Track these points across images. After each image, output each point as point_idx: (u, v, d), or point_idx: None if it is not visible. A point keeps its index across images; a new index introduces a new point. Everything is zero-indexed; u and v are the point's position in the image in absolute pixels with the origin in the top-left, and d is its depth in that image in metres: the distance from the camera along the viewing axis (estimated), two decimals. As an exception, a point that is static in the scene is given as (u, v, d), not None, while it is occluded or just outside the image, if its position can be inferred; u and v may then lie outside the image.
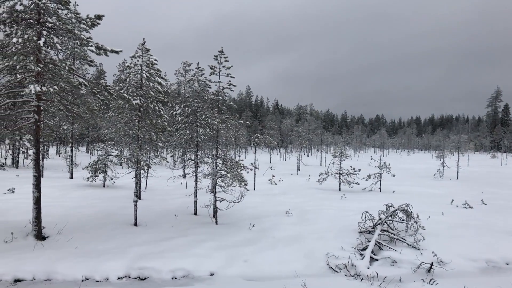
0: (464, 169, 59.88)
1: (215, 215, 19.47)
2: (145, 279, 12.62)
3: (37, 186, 15.02)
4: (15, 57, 13.52)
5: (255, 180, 34.08)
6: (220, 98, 21.09)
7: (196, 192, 21.36)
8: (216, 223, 19.11)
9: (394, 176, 36.81)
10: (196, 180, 21.24)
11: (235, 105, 30.05)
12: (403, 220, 18.06)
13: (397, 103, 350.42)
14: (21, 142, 14.66)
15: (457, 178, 48.75)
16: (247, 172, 20.45)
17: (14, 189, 26.09)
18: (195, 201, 21.19)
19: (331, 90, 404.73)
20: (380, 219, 17.47)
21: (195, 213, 21.01)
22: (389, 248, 15.26)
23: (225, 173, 19.69)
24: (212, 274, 12.99)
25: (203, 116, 20.80)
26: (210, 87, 21.00)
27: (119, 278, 12.49)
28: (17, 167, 44.00)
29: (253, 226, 18.36)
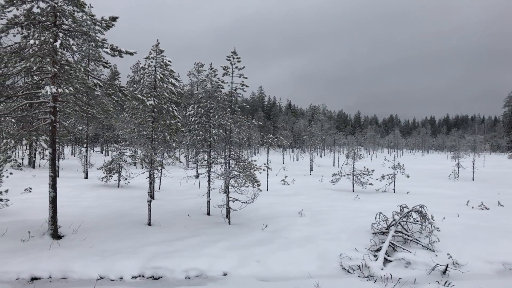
0: (480, 169, 58.95)
1: (228, 215, 19.52)
2: (158, 278, 12.72)
3: (53, 186, 15.25)
4: (32, 59, 13.78)
5: (267, 181, 34.06)
6: (233, 98, 21.15)
7: (209, 192, 21.44)
8: (229, 223, 19.16)
9: (408, 177, 36.37)
10: (209, 181, 21.33)
11: (247, 106, 30.11)
12: (417, 221, 17.84)
13: (411, 103, 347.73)
14: (37, 142, 14.96)
15: (473, 179, 47.99)
16: (260, 173, 20.45)
17: (31, 189, 26.54)
18: (208, 201, 21.28)
19: (345, 91, 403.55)
20: (394, 220, 17.28)
21: (208, 213, 21.09)
22: (403, 249, 15.09)
23: (238, 173, 19.72)
24: (225, 274, 13.03)
25: (216, 117, 20.88)
26: (223, 88, 21.07)
27: (133, 277, 12.61)
28: (33, 167, 44.74)
29: (266, 226, 18.35)
